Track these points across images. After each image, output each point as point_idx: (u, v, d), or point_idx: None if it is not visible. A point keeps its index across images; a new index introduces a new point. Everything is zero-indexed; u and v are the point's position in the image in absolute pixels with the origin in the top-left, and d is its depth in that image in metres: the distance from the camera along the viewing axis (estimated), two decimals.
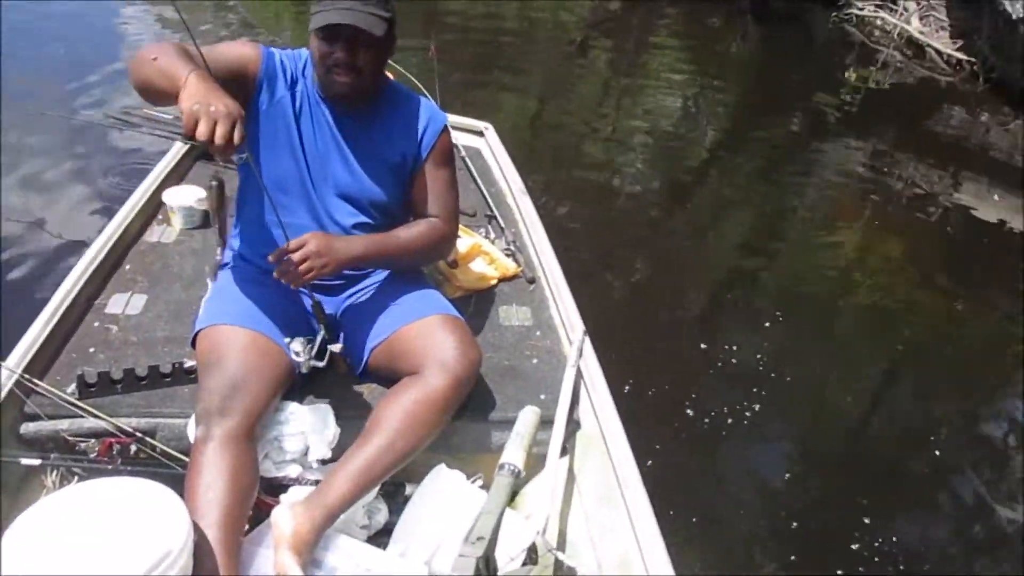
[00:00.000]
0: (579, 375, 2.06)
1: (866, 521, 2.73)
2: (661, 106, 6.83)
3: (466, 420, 1.90)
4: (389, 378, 1.86)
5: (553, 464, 1.81)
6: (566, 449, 1.93)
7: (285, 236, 1.71)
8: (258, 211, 1.91)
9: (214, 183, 1.64)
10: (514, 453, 1.69)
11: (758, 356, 3.44)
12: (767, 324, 3.69)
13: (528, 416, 1.82)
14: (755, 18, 10.37)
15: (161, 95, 1.59)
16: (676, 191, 5.26)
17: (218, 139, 1.41)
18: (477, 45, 7.53)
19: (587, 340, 2.18)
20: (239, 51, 1.78)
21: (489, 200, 2.98)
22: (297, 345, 1.78)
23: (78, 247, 3.19)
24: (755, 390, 3.23)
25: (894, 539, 2.66)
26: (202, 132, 1.41)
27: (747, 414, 3.12)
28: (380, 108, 1.92)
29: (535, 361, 2.17)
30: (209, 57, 1.62)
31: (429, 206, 1.96)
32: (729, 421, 3.07)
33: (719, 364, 3.37)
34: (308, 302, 1.84)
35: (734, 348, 3.47)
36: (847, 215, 5.26)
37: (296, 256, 1.68)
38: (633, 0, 10.45)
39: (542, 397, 2.01)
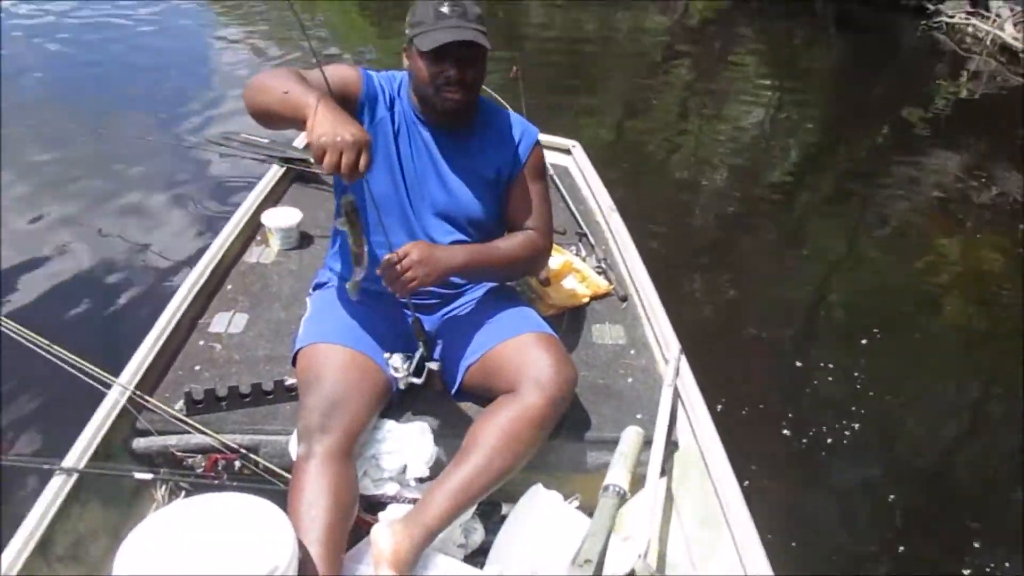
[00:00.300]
0: (676, 394, 2.02)
1: (976, 545, 2.59)
2: (745, 120, 6.71)
3: (562, 439, 1.89)
4: (484, 396, 1.86)
5: (653, 485, 1.77)
6: (663, 470, 1.89)
7: (389, 249, 1.72)
8: None
9: (348, 205, 1.59)
10: (619, 474, 1.66)
11: (855, 374, 3.32)
12: (863, 341, 3.56)
13: (632, 436, 1.79)
14: (839, 29, 10.18)
15: (284, 122, 1.63)
16: (763, 206, 5.14)
17: (344, 168, 1.43)
18: (557, 61, 7.56)
19: (683, 359, 2.14)
20: (342, 74, 1.81)
21: (579, 218, 2.97)
22: (396, 361, 1.79)
23: (181, 268, 3.34)
24: (853, 408, 3.12)
25: (1007, 564, 2.52)
26: (330, 162, 1.43)
27: (846, 433, 3.01)
28: (474, 126, 1.94)
29: (630, 380, 2.14)
30: (315, 81, 1.65)
31: (524, 219, 1.96)
32: (828, 441, 2.96)
33: (815, 382, 3.27)
34: (406, 319, 1.85)
35: (830, 366, 3.36)
36: (941, 229, 5.05)
37: (400, 265, 1.68)
38: (714, 15, 10.40)
39: (639, 416, 1.98)
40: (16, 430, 2.52)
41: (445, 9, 1.76)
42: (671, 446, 1.93)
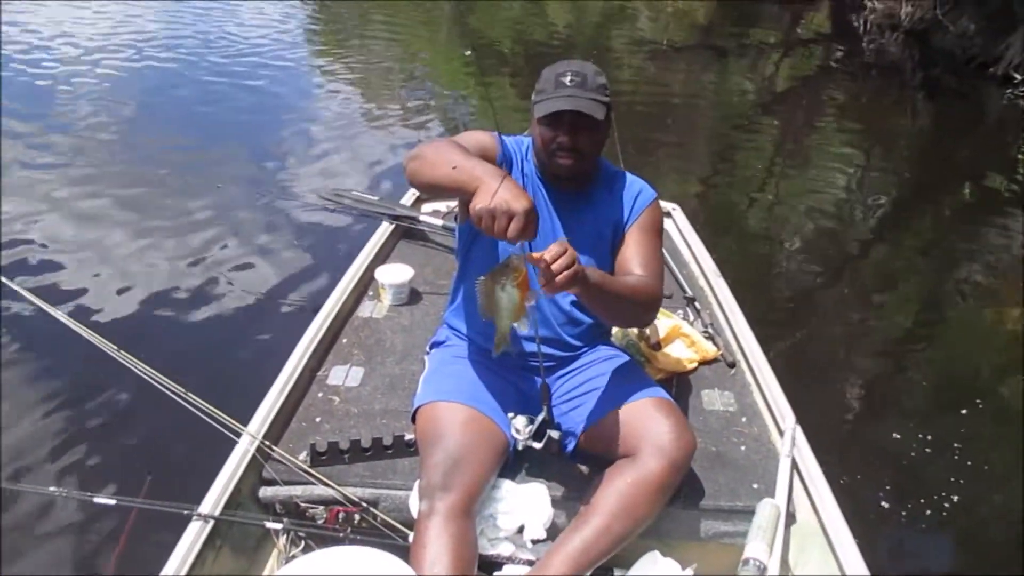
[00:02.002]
0: (794, 466, 1.99)
1: None
2: (833, 183, 6.62)
3: (677, 506, 1.87)
4: (600, 459, 1.86)
5: (774, 561, 1.74)
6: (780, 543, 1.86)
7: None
8: (475, 293, 1.99)
9: (519, 261, 1.57)
10: (759, 548, 1.65)
11: (956, 445, 3.21)
12: (963, 411, 3.45)
13: (768, 510, 1.77)
14: (926, 95, 10.13)
15: (452, 193, 1.68)
16: (859, 271, 5.05)
17: (511, 235, 1.46)
18: (646, 121, 7.62)
19: (799, 429, 2.11)
20: (481, 140, 1.88)
21: (683, 282, 2.98)
22: (520, 423, 1.82)
23: (298, 320, 3.44)
24: (969, 480, 3.00)
25: None
26: (498, 229, 1.46)
27: (966, 505, 2.90)
28: (595, 186, 1.99)
29: (743, 448, 2.11)
30: (469, 146, 1.73)
31: (635, 269, 1.93)
32: (943, 514, 2.85)
33: (927, 450, 3.16)
34: (523, 380, 1.88)
35: (929, 437, 3.24)
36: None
37: (558, 264, 1.51)
38: (801, 79, 10.42)
39: (755, 486, 1.95)
40: (151, 473, 2.62)
41: (566, 79, 1.83)
42: (790, 519, 1.90)
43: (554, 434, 1.84)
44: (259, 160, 5.47)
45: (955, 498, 2.94)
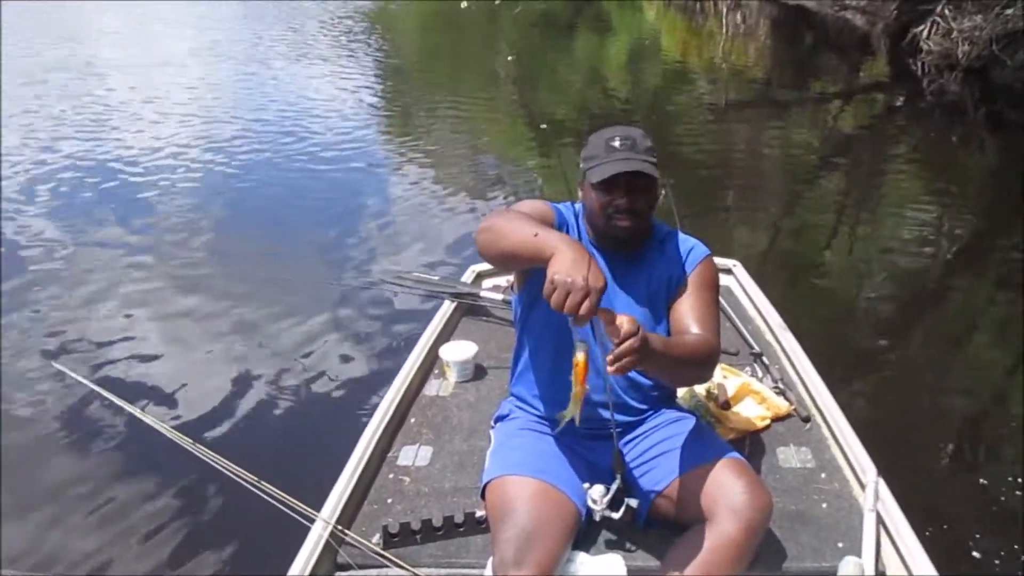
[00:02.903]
0: (879, 521, 1.91)
1: None
2: (900, 226, 6.51)
3: (759, 570, 1.81)
4: (673, 524, 1.82)
5: None
6: None
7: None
8: (537, 359, 2.00)
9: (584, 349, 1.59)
10: None
11: None
12: None
13: (851, 568, 1.70)
14: (990, 131, 10.09)
15: (525, 263, 1.71)
16: (930, 313, 4.93)
17: (583, 311, 1.45)
18: (707, 178, 7.64)
19: (881, 482, 2.03)
20: (540, 208, 1.92)
21: (748, 338, 2.93)
22: (596, 493, 1.80)
23: (366, 401, 3.51)
24: None
25: None
26: (569, 305, 1.46)
27: None
28: (647, 247, 2.00)
29: (824, 506, 2.05)
30: (533, 215, 1.76)
31: (691, 326, 1.91)
32: None
33: (1019, 495, 2.99)
34: (590, 449, 1.86)
35: (1021, 482, 3.07)
36: None
37: (628, 347, 1.53)
38: (864, 125, 10.36)
39: (840, 545, 1.88)
40: (230, 563, 2.66)
41: (616, 143, 1.87)
42: None
43: (632, 502, 1.82)
44: (327, 246, 5.59)
45: None
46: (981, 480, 3.12)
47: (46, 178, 7.08)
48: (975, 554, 2.70)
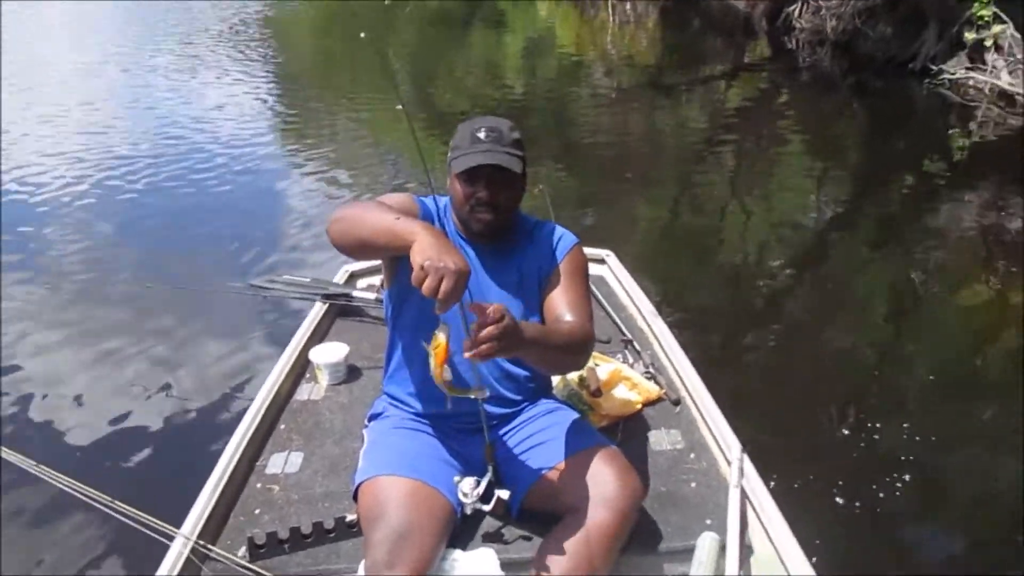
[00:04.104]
0: (744, 496, 1.97)
1: None
2: (781, 204, 6.88)
3: (632, 553, 1.83)
4: (546, 515, 1.82)
5: None
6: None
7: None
8: (411, 355, 1.96)
9: (446, 332, 1.55)
10: None
11: (918, 438, 3.28)
12: (913, 406, 3.51)
13: (708, 543, 1.74)
14: (858, 99, 11.12)
15: (381, 251, 1.69)
16: (806, 285, 5.17)
17: (442, 294, 1.44)
18: (593, 167, 7.79)
19: (746, 458, 2.09)
20: (401, 201, 1.89)
21: (621, 325, 2.98)
22: (466, 486, 1.78)
23: (233, 410, 3.37)
24: (919, 491, 3.04)
25: None
26: (430, 287, 1.44)
27: (917, 514, 2.93)
28: (515, 239, 2.00)
29: (694, 484, 2.09)
30: (395, 208, 1.72)
31: (563, 313, 1.91)
32: (897, 526, 2.86)
33: (874, 465, 3.17)
34: (465, 442, 1.84)
35: (874, 450, 3.27)
36: (975, 272, 5.26)
37: (487, 333, 1.48)
38: (747, 101, 11.04)
39: (708, 522, 1.92)
40: None
41: (481, 134, 1.85)
42: (746, 550, 1.87)
43: (503, 494, 1.80)
44: (198, 255, 5.35)
45: (906, 508, 2.96)
46: (843, 452, 3.28)
47: None
48: (835, 525, 2.82)
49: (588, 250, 3.51)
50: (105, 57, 14.10)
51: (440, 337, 1.52)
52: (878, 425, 3.41)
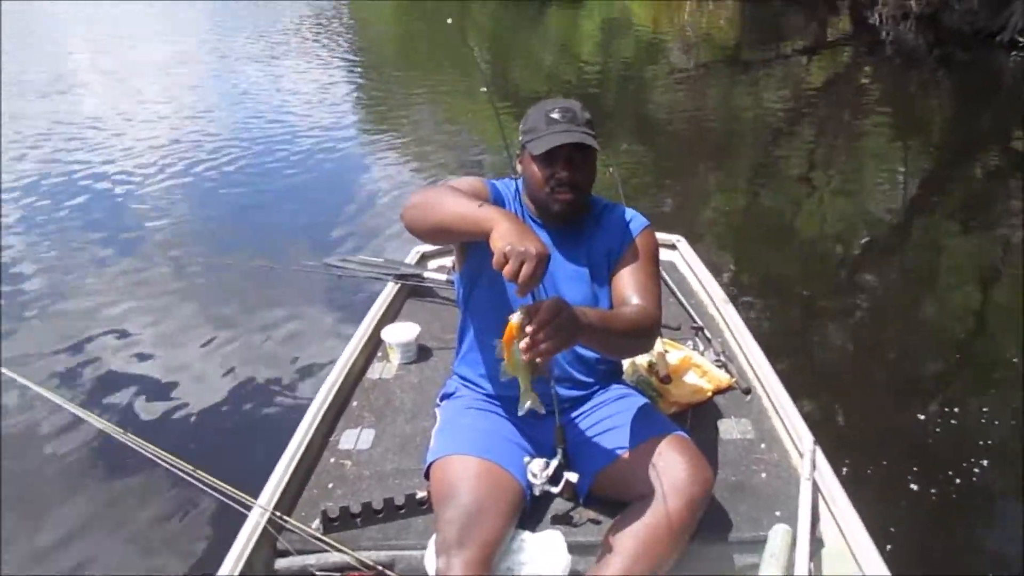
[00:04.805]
0: (815, 488, 1.94)
1: None
2: (861, 184, 6.69)
3: (700, 542, 1.82)
4: (615, 501, 1.82)
5: None
6: (810, 569, 1.80)
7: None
8: (482, 337, 1.98)
9: (526, 314, 1.48)
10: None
11: (985, 446, 3.14)
12: (996, 394, 3.39)
13: (780, 535, 1.72)
14: (945, 72, 10.95)
15: (459, 236, 1.70)
16: (885, 269, 5.04)
17: (523, 278, 1.44)
18: (668, 147, 7.71)
19: (819, 450, 2.06)
20: (473, 184, 1.90)
21: (691, 312, 2.95)
22: (536, 467, 1.79)
23: (308, 387, 3.47)
24: (1002, 486, 2.93)
25: None
26: (511, 270, 1.44)
27: (996, 513, 2.83)
28: (587, 221, 2.00)
29: (764, 475, 2.07)
30: (469, 192, 1.74)
31: (632, 295, 1.90)
32: (971, 522, 2.77)
33: (953, 457, 3.07)
34: (537, 425, 1.86)
35: (955, 442, 3.17)
36: None
37: (543, 334, 1.45)
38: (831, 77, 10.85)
39: (778, 514, 1.90)
40: (166, 554, 2.61)
41: (556, 115, 1.86)
42: (816, 543, 1.84)
43: (572, 476, 1.81)
44: (277, 236, 5.52)
45: (987, 503, 2.87)
46: (920, 444, 3.20)
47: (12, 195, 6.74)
48: (909, 520, 2.76)
49: (659, 235, 3.51)
50: (198, 46, 14.51)
51: (513, 318, 1.52)
52: (957, 414, 3.33)
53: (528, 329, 1.45)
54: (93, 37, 15.96)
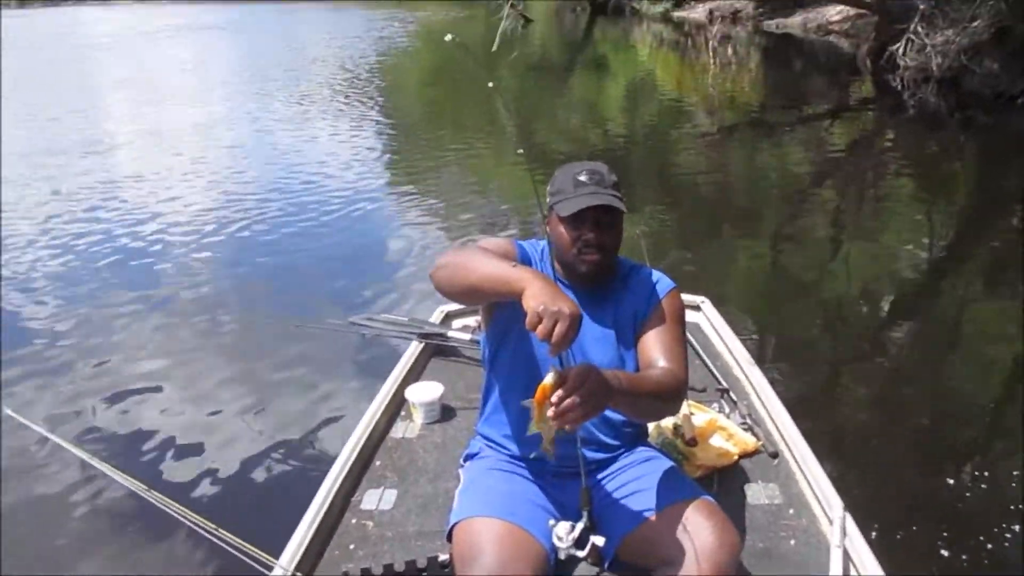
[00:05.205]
0: (846, 556, 1.90)
1: None
2: (886, 246, 6.62)
3: None
4: (640, 567, 1.79)
5: None
6: None
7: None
8: (507, 397, 1.98)
9: (559, 378, 1.49)
10: None
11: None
12: None
13: None
14: (967, 135, 10.98)
15: (489, 297, 1.71)
16: (911, 332, 4.98)
17: (556, 338, 1.45)
18: (692, 208, 7.77)
19: (848, 516, 2.02)
20: (501, 245, 1.93)
21: (717, 374, 2.93)
22: (561, 530, 1.76)
23: (330, 445, 3.46)
24: None
25: None
26: (544, 330, 1.46)
27: None
28: (613, 283, 2.01)
29: (792, 543, 2.03)
30: (496, 253, 1.76)
31: (657, 358, 1.90)
32: None
33: (984, 525, 2.98)
34: (562, 487, 1.84)
35: (988, 512, 3.08)
36: None
37: (574, 399, 1.46)
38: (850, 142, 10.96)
39: None
40: None
41: (583, 177, 1.90)
42: None
43: (598, 540, 1.78)
44: (302, 292, 5.58)
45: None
46: (952, 509, 3.13)
47: (43, 242, 6.93)
48: None
49: (683, 296, 3.51)
50: (226, 100, 14.92)
51: (547, 379, 1.52)
52: (987, 478, 3.26)
53: (555, 397, 1.46)
54: (132, 97, 16.45)
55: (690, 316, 3.43)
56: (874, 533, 2.23)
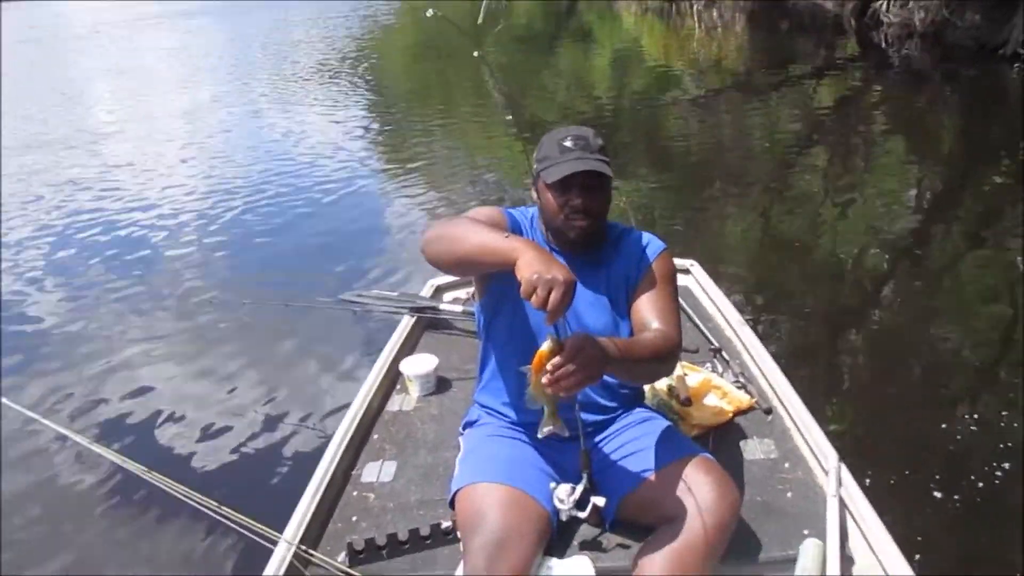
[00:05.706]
0: (843, 505, 1.93)
1: None
2: (874, 202, 6.61)
3: (730, 564, 1.80)
4: (642, 525, 1.82)
5: None
6: None
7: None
8: (504, 365, 1.99)
9: (556, 345, 1.51)
10: None
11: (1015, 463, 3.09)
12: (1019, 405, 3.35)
13: (812, 550, 1.71)
14: (951, 88, 11.14)
15: (482, 267, 1.72)
16: (901, 285, 5.00)
17: (551, 306, 1.46)
18: (680, 174, 7.76)
19: (843, 467, 2.05)
20: (491, 215, 1.93)
21: (708, 334, 2.95)
22: (562, 492, 1.79)
23: (328, 422, 3.48)
24: None
25: None
26: (540, 299, 1.46)
27: None
28: (604, 248, 2.01)
29: (789, 495, 2.06)
30: (487, 222, 1.76)
31: (651, 320, 1.91)
32: (1006, 537, 2.72)
33: (981, 470, 3.03)
34: (561, 450, 1.85)
35: (982, 456, 3.12)
36: None
37: (570, 368, 1.48)
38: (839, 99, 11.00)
39: (806, 532, 1.89)
40: None
41: (569, 143, 1.88)
42: (847, 561, 1.83)
43: (599, 501, 1.80)
44: (291, 272, 5.55)
45: (1011, 516, 2.82)
46: (944, 455, 3.18)
47: (32, 234, 6.87)
48: (938, 531, 2.73)
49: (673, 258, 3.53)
50: (211, 84, 14.81)
51: (544, 346, 1.53)
52: (979, 422, 3.32)
53: (551, 365, 1.47)
54: (119, 87, 16.24)
55: (680, 279, 3.40)
56: (868, 481, 2.25)
